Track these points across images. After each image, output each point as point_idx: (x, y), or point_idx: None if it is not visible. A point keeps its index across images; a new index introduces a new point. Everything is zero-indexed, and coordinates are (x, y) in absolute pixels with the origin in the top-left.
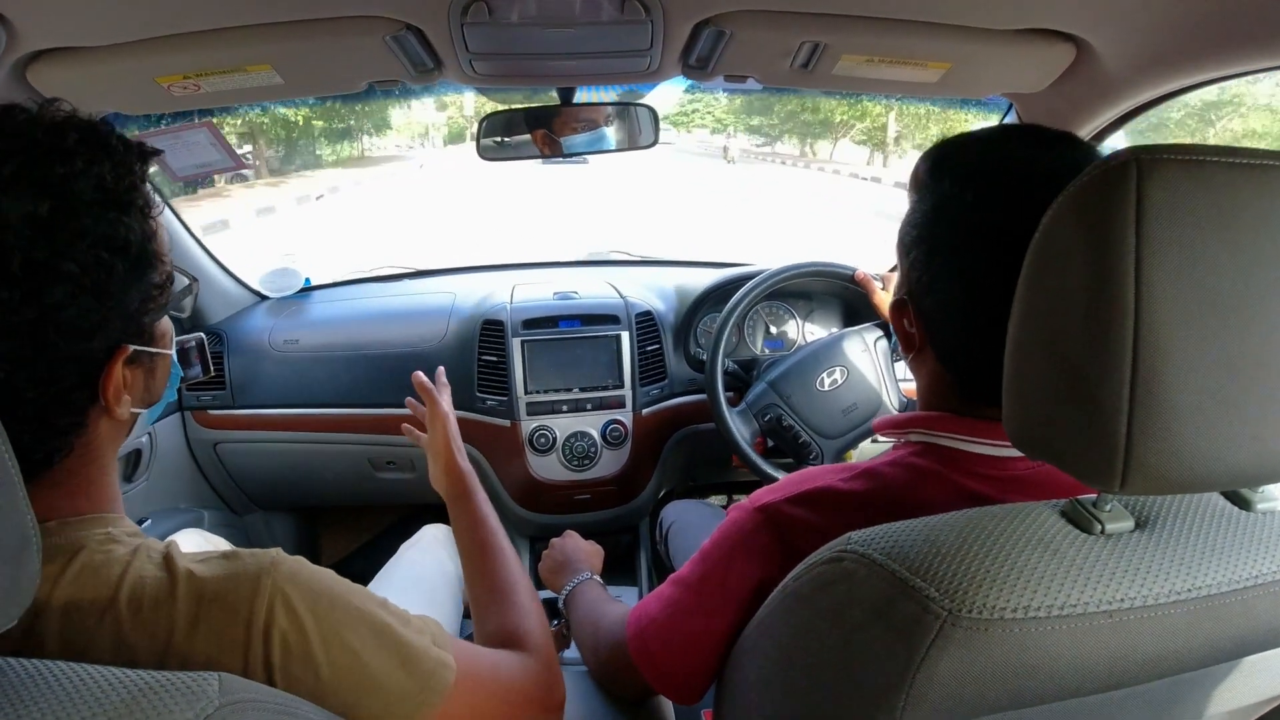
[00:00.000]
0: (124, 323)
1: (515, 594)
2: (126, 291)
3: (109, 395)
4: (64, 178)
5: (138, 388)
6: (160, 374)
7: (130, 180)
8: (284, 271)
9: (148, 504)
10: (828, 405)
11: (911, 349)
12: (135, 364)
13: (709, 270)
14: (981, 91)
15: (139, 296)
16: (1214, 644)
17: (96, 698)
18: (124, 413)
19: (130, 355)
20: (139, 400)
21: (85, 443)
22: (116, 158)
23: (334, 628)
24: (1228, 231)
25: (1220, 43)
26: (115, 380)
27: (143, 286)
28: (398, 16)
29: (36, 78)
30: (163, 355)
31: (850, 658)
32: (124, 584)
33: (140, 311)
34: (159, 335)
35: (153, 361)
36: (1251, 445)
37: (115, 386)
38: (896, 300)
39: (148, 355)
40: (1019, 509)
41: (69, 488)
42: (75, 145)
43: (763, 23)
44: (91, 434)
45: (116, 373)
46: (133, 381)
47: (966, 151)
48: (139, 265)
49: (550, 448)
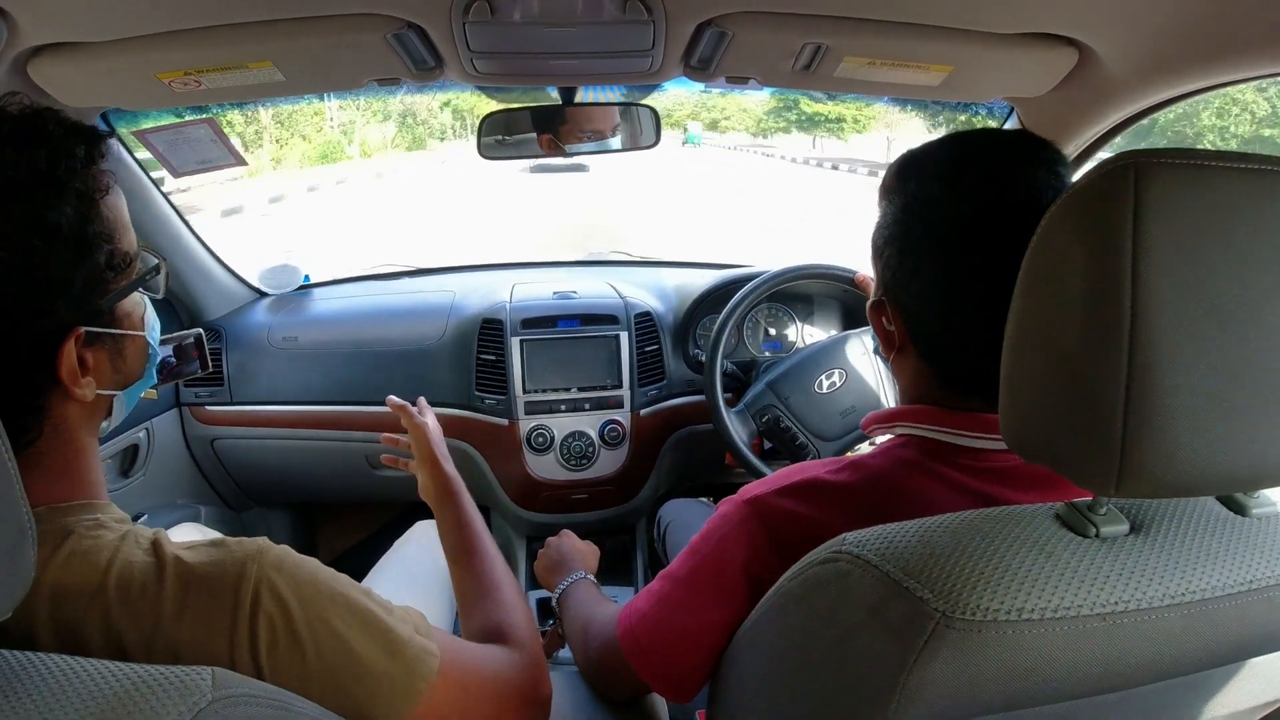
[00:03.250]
0: (72, 304)
1: (500, 590)
2: (68, 274)
3: (64, 376)
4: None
5: (104, 369)
6: (132, 355)
7: (68, 165)
8: (283, 268)
9: (145, 500)
10: (826, 407)
11: (892, 348)
12: (97, 345)
13: (708, 271)
14: (983, 95)
15: (83, 278)
16: (1208, 648)
17: (90, 691)
18: (87, 394)
19: (86, 337)
20: (109, 382)
21: (54, 425)
22: (53, 144)
23: (319, 613)
24: (1225, 235)
25: (1223, 48)
26: (69, 361)
27: (87, 268)
28: (399, 14)
29: (37, 73)
30: (131, 336)
31: (844, 659)
32: (112, 569)
33: (91, 293)
34: (123, 316)
35: (119, 343)
36: (1247, 449)
37: (69, 368)
38: (874, 302)
39: (110, 337)
40: (1014, 512)
41: (47, 471)
42: (8, 134)
43: (765, 24)
44: (59, 416)
45: (68, 354)
46: (97, 363)
47: (929, 154)
48: (77, 247)
49: (548, 447)
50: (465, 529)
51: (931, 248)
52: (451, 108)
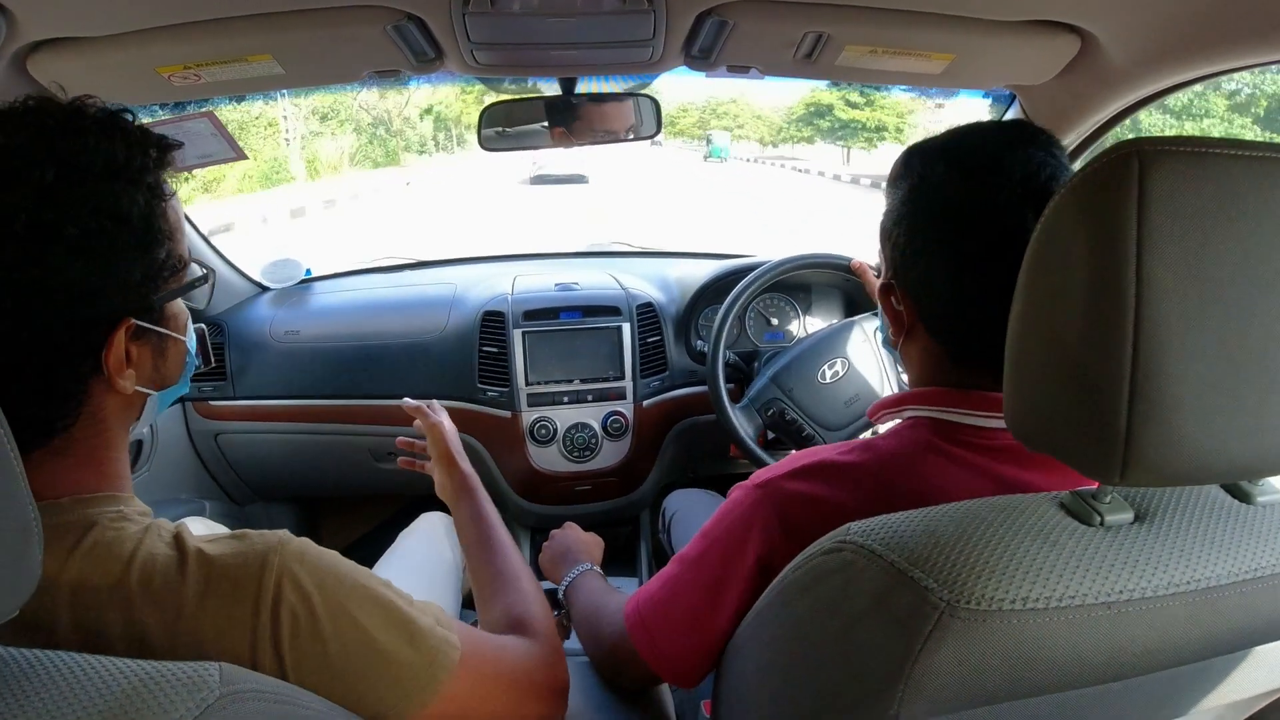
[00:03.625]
0: (127, 294)
1: (518, 581)
2: (128, 262)
3: (110, 365)
4: (74, 150)
5: (145, 366)
6: (172, 357)
7: (143, 161)
8: (285, 262)
9: (149, 494)
10: (830, 397)
11: (901, 330)
12: (142, 340)
13: (709, 261)
14: (985, 83)
15: (142, 270)
16: (1213, 636)
17: (97, 688)
18: (127, 386)
19: (135, 330)
20: (147, 380)
21: (91, 414)
22: (131, 139)
23: (341, 604)
24: (1229, 223)
25: (1226, 36)
26: (116, 351)
27: (147, 261)
28: (399, 6)
29: (37, 68)
30: (174, 339)
31: (849, 648)
32: (135, 561)
33: (145, 287)
34: (169, 317)
35: (163, 342)
36: (1252, 437)
37: (116, 358)
38: (883, 284)
39: (156, 335)
40: (1018, 500)
41: (76, 459)
42: (90, 124)
43: (766, 13)
44: (96, 405)
45: (118, 343)
46: (140, 358)
47: (933, 142)
48: (142, 239)
49: (551, 439)
50: (482, 523)
51: (937, 226)
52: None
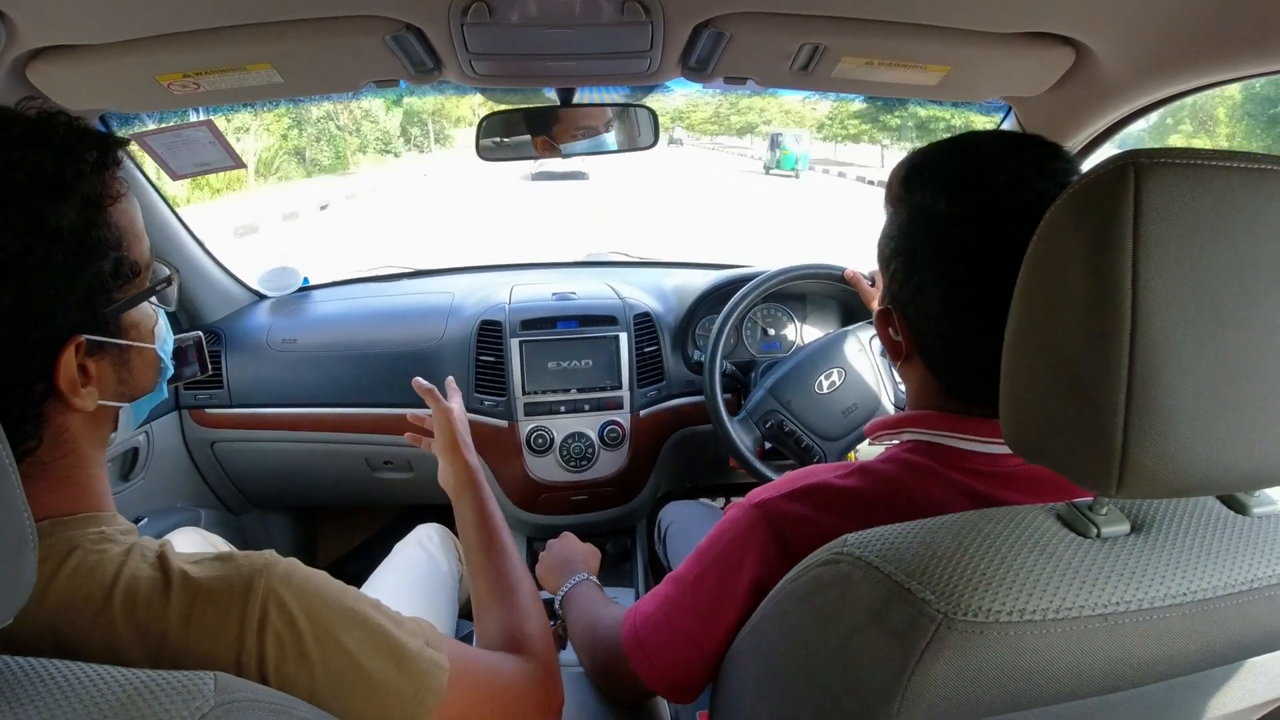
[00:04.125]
0: (73, 312)
1: (518, 595)
2: (69, 281)
3: (62, 385)
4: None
5: (108, 379)
6: (139, 367)
7: (75, 169)
8: (282, 271)
9: (145, 503)
10: (828, 407)
11: (899, 357)
12: (100, 355)
13: (706, 271)
14: (981, 95)
15: (85, 285)
16: (1210, 648)
17: (92, 696)
18: (87, 404)
19: (89, 346)
20: (112, 393)
21: (55, 435)
22: (61, 146)
23: (328, 628)
24: (1225, 235)
25: (1220, 47)
26: (67, 371)
27: (89, 275)
28: (397, 16)
29: (36, 75)
30: (139, 348)
31: (846, 660)
32: (118, 584)
33: (93, 301)
34: (130, 326)
35: (125, 354)
36: (1248, 449)
37: (68, 378)
38: (881, 310)
39: (115, 347)
40: (1014, 512)
41: (49, 482)
42: (18, 136)
43: (763, 25)
44: (60, 426)
45: (66, 363)
46: (100, 373)
47: (933, 162)
48: (80, 254)
49: (548, 448)
50: (486, 524)
51: (936, 265)
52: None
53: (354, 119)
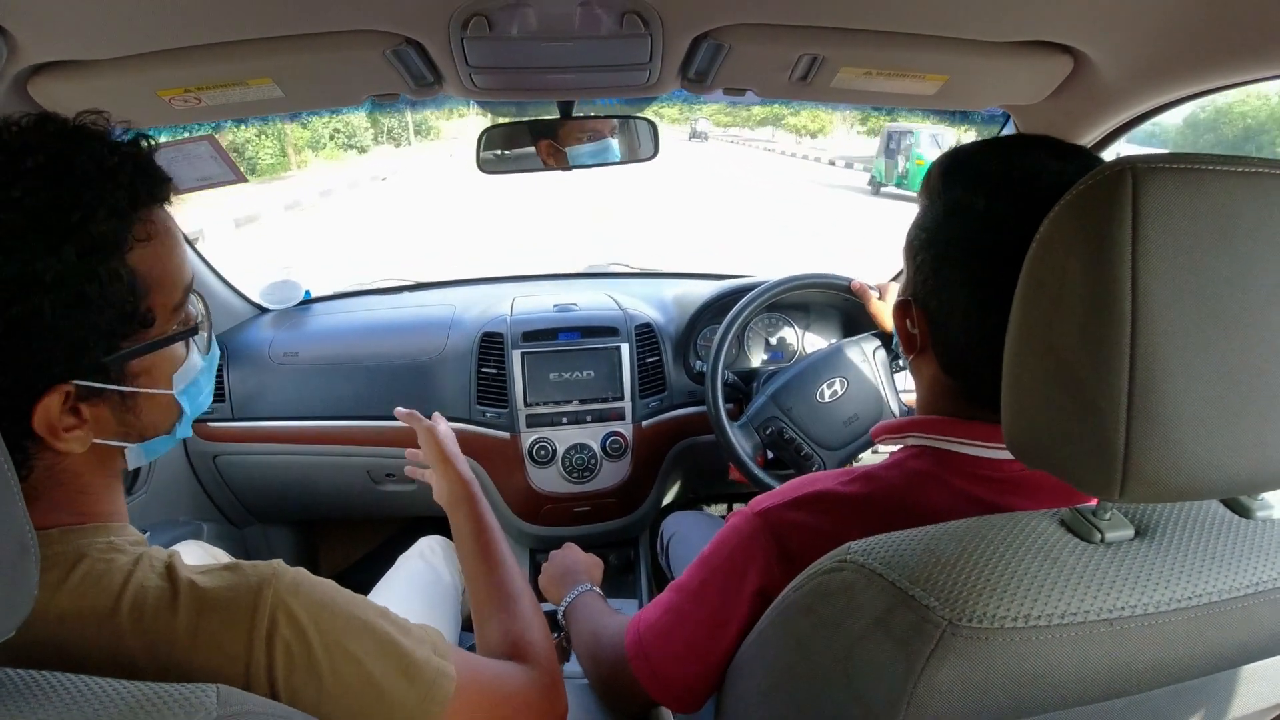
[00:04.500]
0: (62, 360)
1: (518, 603)
2: (54, 331)
3: (40, 430)
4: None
5: (108, 423)
6: (148, 410)
7: (85, 213)
8: (284, 284)
9: (147, 516)
10: (829, 416)
11: (913, 350)
12: (97, 400)
13: (708, 282)
14: (979, 103)
15: (76, 336)
16: (1215, 652)
17: (95, 709)
18: (72, 447)
19: (82, 392)
20: (114, 434)
21: (48, 468)
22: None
23: (337, 637)
24: (1224, 239)
25: (1217, 53)
26: (44, 417)
27: (83, 326)
28: (397, 31)
29: (38, 91)
30: (148, 394)
31: (851, 668)
32: (126, 593)
33: (87, 350)
34: (139, 373)
35: (129, 399)
36: (1250, 453)
37: (47, 425)
38: (901, 300)
39: (115, 393)
40: (1018, 518)
41: (48, 504)
42: (31, 168)
43: (761, 36)
44: (50, 461)
45: (44, 410)
46: (96, 416)
47: (977, 159)
48: (74, 305)
49: (550, 460)
50: (483, 535)
51: (967, 260)
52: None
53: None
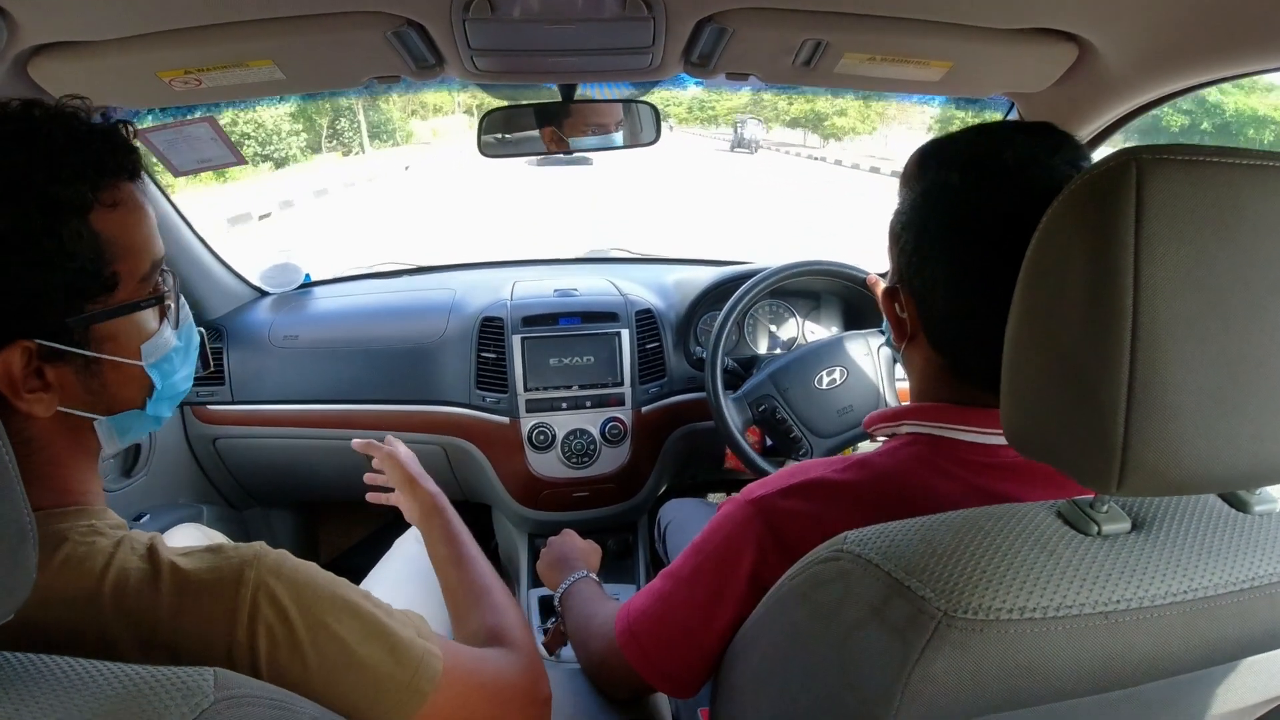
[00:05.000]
0: (14, 317)
1: (491, 595)
2: (9, 285)
3: (1, 386)
4: None
5: (73, 389)
6: (114, 381)
7: (49, 174)
8: (284, 267)
9: (147, 499)
10: (824, 403)
11: (903, 336)
12: (60, 363)
13: (709, 268)
14: (983, 90)
15: (32, 292)
16: (1210, 645)
17: (93, 692)
18: (34, 409)
19: (43, 351)
20: (80, 402)
21: (16, 434)
22: (40, 152)
23: (320, 617)
24: (1227, 232)
25: (1223, 43)
26: (7, 371)
27: (40, 283)
28: (399, 12)
29: (38, 72)
30: (114, 362)
31: (846, 657)
32: (108, 576)
33: (47, 308)
34: (104, 339)
35: (92, 365)
36: (1249, 446)
37: (9, 379)
38: (888, 288)
39: (80, 357)
40: (1015, 509)
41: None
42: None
43: (765, 20)
44: (19, 427)
45: (6, 364)
46: (60, 380)
47: (951, 144)
48: (31, 260)
49: (550, 445)
50: (452, 542)
51: (945, 234)
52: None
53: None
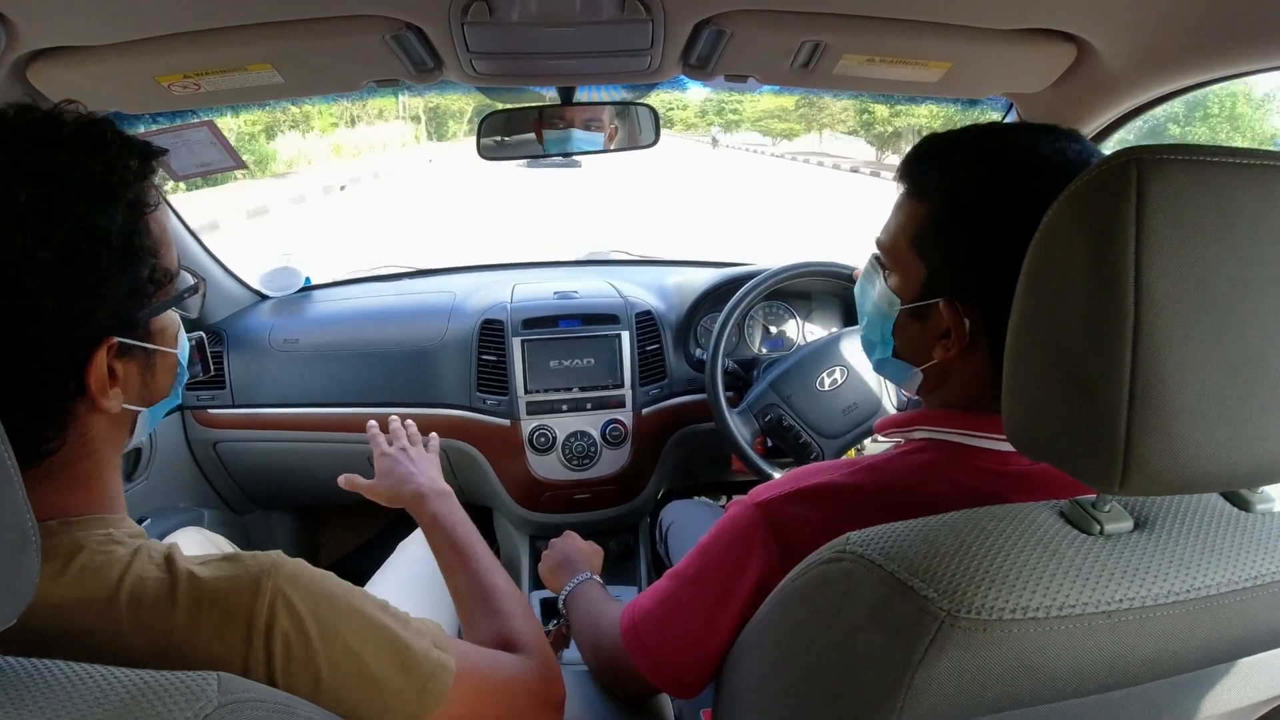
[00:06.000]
0: (110, 314)
1: (499, 600)
2: (110, 283)
3: (93, 385)
4: (49, 168)
5: (133, 383)
6: (161, 372)
7: (121, 175)
8: (284, 271)
9: (147, 503)
10: (828, 405)
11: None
12: (128, 358)
13: (709, 270)
14: (982, 91)
15: (125, 289)
16: (1212, 645)
17: (96, 697)
18: (113, 406)
19: (119, 348)
20: (135, 397)
21: (79, 435)
22: (110, 153)
23: (335, 629)
24: (1228, 232)
25: (1221, 43)
26: (99, 371)
27: (129, 279)
28: (397, 16)
29: (37, 77)
30: (163, 353)
31: (849, 658)
32: (124, 584)
33: (130, 304)
34: (157, 331)
35: (150, 358)
36: (1251, 446)
37: (99, 378)
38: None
39: (142, 350)
40: (1018, 509)
41: (64, 482)
42: (68, 138)
43: (763, 22)
44: (84, 427)
45: (99, 364)
46: (126, 376)
47: (964, 143)
48: (123, 257)
49: (550, 447)
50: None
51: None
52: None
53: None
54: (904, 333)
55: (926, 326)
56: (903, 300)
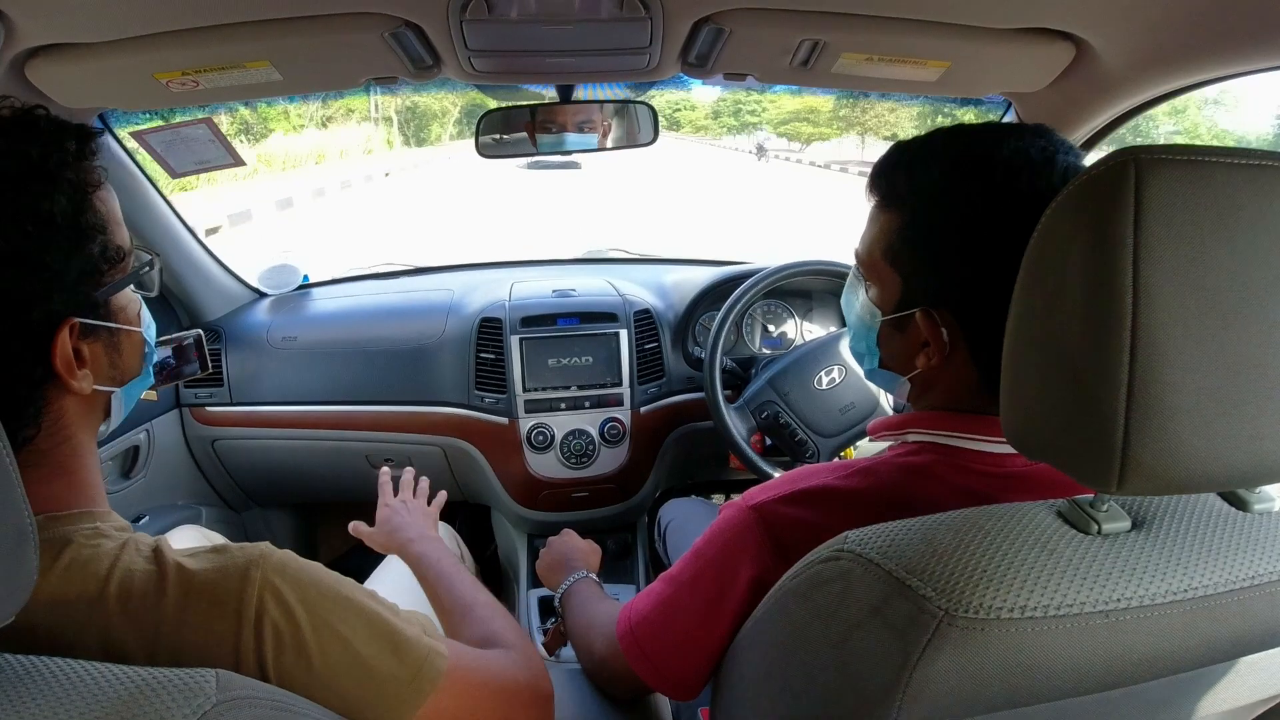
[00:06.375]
0: (66, 295)
1: (481, 609)
2: (62, 263)
3: (59, 367)
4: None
5: (101, 363)
6: (128, 351)
7: (59, 157)
8: (282, 268)
9: (146, 501)
10: (825, 403)
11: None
12: (92, 339)
13: (707, 268)
14: (981, 90)
15: (78, 269)
16: (1210, 644)
17: (94, 694)
18: (84, 387)
19: (82, 328)
20: (105, 378)
21: (54, 421)
22: (44, 138)
23: (325, 617)
24: (1226, 232)
25: (1220, 42)
26: (63, 352)
27: (80, 258)
28: (396, 13)
29: (35, 74)
30: (128, 331)
31: (847, 657)
32: (113, 578)
33: (84, 284)
34: (118, 310)
35: (115, 337)
36: (1249, 446)
37: (64, 359)
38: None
39: (106, 330)
40: (1015, 509)
41: (47, 471)
42: (4, 128)
43: (762, 20)
44: (58, 411)
45: (63, 345)
46: (93, 357)
47: (935, 149)
48: (72, 237)
49: (548, 445)
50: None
51: (965, 232)
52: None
53: None
54: (888, 343)
55: (907, 337)
56: (883, 312)
